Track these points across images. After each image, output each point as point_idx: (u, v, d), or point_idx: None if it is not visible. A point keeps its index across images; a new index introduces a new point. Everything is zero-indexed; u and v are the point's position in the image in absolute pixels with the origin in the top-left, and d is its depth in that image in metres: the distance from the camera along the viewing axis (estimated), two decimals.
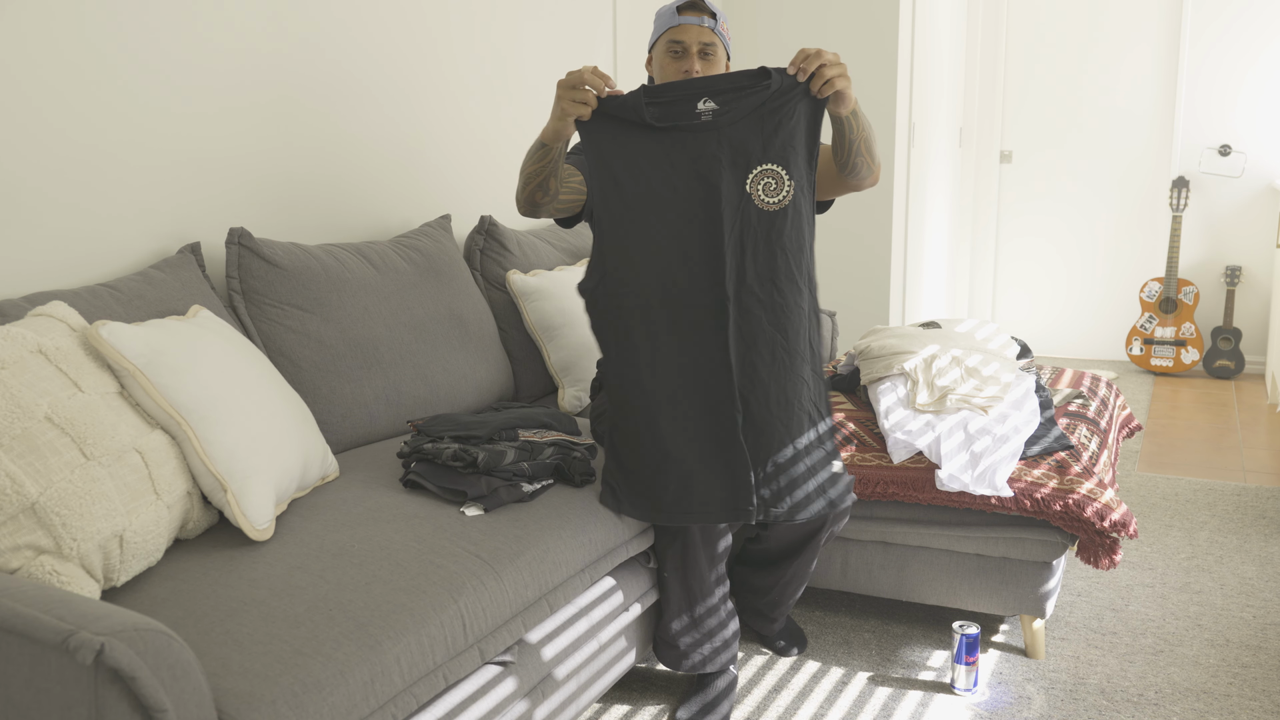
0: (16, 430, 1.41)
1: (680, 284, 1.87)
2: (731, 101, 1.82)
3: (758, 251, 1.86)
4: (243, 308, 2.13)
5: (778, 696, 2.20)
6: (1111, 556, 2.15)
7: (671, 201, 1.85)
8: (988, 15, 5.38)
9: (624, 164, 1.85)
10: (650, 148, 1.84)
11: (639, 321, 1.89)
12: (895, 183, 4.09)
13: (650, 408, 1.91)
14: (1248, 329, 5.11)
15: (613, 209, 1.87)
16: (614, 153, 1.85)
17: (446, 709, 1.52)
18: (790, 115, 1.83)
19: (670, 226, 1.86)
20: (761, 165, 1.84)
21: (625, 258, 1.88)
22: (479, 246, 2.76)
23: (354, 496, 1.83)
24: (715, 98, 1.82)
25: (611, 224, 1.88)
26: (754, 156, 1.84)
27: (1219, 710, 2.10)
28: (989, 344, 2.61)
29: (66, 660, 1.11)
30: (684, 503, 1.92)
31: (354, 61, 2.56)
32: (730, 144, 1.83)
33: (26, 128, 1.86)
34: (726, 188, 1.84)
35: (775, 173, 1.84)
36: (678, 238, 1.86)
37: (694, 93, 1.82)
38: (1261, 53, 4.93)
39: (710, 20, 2.04)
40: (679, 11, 2.05)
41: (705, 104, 1.82)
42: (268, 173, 2.35)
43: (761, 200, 1.85)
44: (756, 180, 1.84)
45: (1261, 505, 3.23)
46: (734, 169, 1.84)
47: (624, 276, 1.89)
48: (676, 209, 1.85)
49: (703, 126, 1.83)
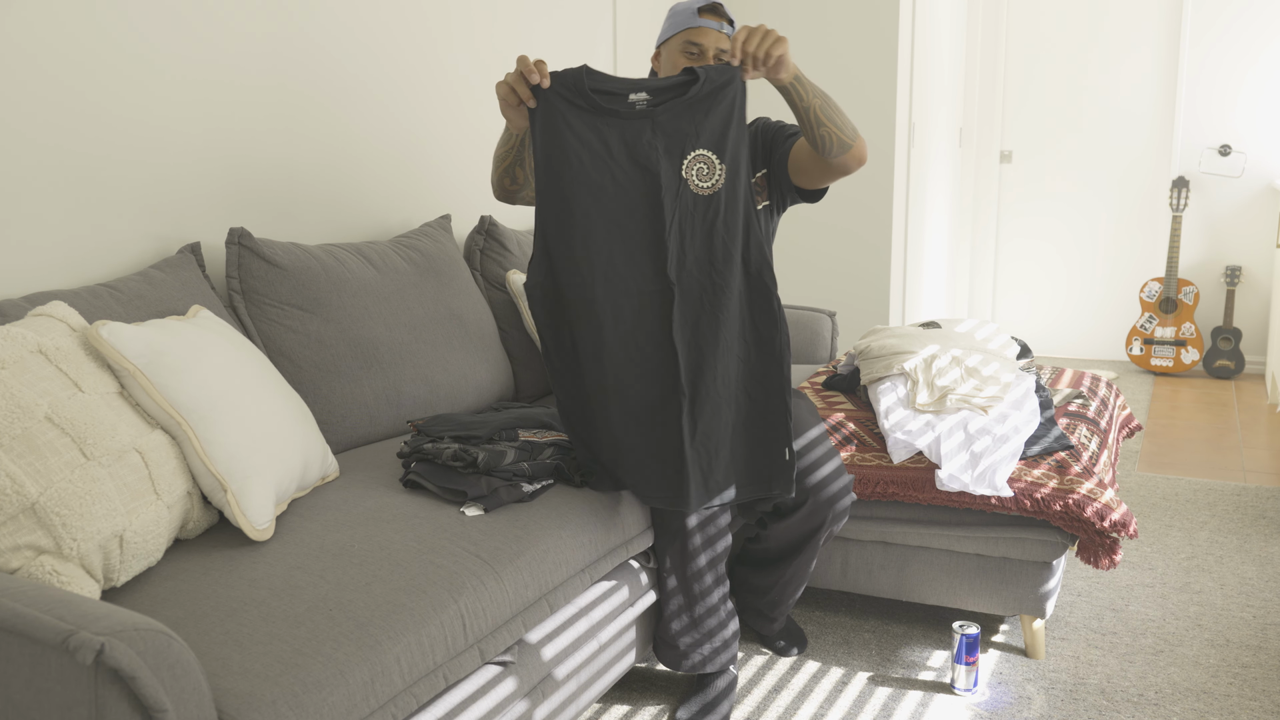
0: (16, 430, 1.41)
1: (623, 274, 1.87)
2: (663, 94, 1.85)
3: (695, 236, 1.88)
4: (243, 308, 2.13)
5: (778, 696, 2.20)
6: (1111, 556, 2.15)
7: (613, 192, 1.86)
8: (988, 15, 5.38)
9: (560, 157, 1.85)
10: (588, 138, 1.84)
11: (583, 311, 1.89)
12: (895, 183, 4.09)
13: (601, 398, 1.91)
14: (1248, 329, 5.11)
15: (552, 203, 1.87)
16: (552, 145, 1.84)
17: (446, 709, 1.52)
18: (719, 101, 1.86)
19: (611, 216, 1.86)
20: (695, 151, 1.86)
21: (568, 250, 1.88)
22: (479, 246, 2.77)
23: (354, 496, 1.83)
24: (648, 91, 1.85)
25: (553, 218, 1.87)
26: (688, 143, 1.86)
27: (1219, 710, 2.10)
28: (989, 344, 2.61)
29: (66, 660, 1.11)
30: (641, 491, 1.93)
31: (354, 61, 2.56)
32: (664, 131, 1.85)
33: (26, 128, 1.86)
34: (665, 175, 1.85)
35: (707, 158, 1.87)
36: (619, 227, 1.87)
37: (627, 87, 1.85)
38: (1261, 53, 4.93)
39: (729, 27, 2.05)
40: (700, 13, 2.04)
41: (638, 94, 1.84)
42: (268, 173, 2.35)
43: (696, 185, 1.87)
44: (690, 166, 1.87)
45: (1261, 505, 3.23)
46: (669, 156, 1.86)
47: (568, 269, 1.88)
48: (618, 199, 1.86)
49: (636, 115, 1.85)
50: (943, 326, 2.69)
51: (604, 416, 1.91)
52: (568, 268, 1.88)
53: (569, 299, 1.89)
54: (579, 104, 1.83)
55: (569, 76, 1.82)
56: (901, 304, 4.38)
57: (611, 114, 1.84)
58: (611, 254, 1.87)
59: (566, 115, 1.83)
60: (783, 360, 1.93)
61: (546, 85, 1.80)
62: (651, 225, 1.86)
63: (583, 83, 1.83)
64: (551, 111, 1.83)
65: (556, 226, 1.87)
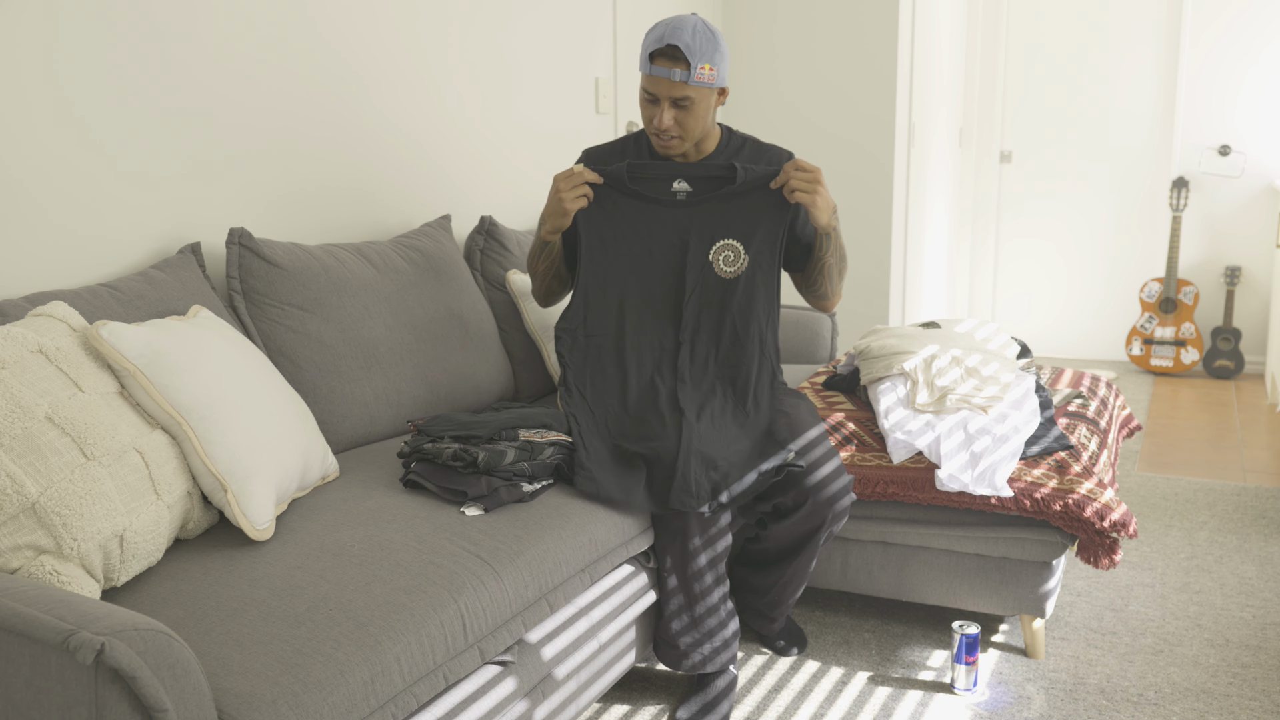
0: (17, 430, 1.41)
1: (646, 329, 2.20)
2: (702, 184, 2.16)
3: (710, 310, 2.20)
4: (243, 308, 2.13)
5: (778, 696, 2.20)
6: (1111, 556, 2.15)
7: (648, 264, 2.19)
8: (988, 15, 5.38)
9: (612, 232, 2.18)
10: (634, 219, 2.17)
11: (610, 353, 2.20)
12: (895, 183, 4.09)
13: (613, 421, 2.15)
14: (1247, 329, 5.11)
15: (597, 267, 2.20)
16: (603, 223, 2.18)
17: (446, 709, 1.52)
18: (751, 200, 2.16)
19: (643, 283, 2.20)
20: (724, 240, 2.17)
21: (603, 306, 2.20)
22: (479, 246, 2.77)
23: (354, 496, 1.83)
24: (689, 180, 2.15)
25: (595, 279, 2.20)
26: (718, 232, 2.17)
27: (1219, 710, 2.10)
28: (989, 344, 2.61)
29: (67, 660, 1.11)
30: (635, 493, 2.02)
31: (355, 61, 2.56)
32: (699, 220, 2.17)
33: (26, 128, 1.86)
34: (693, 256, 2.18)
35: (734, 247, 2.17)
36: (648, 293, 2.20)
37: (670, 174, 2.15)
38: (1261, 53, 4.93)
39: (682, 73, 2.01)
40: (652, 59, 2.04)
41: (679, 184, 2.16)
42: (268, 173, 2.35)
43: (720, 269, 2.18)
44: (718, 252, 2.18)
45: (1261, 505, 3.23)
46: (700, 241, 2.17)
47: (599, 319, 2.20)
48: (651, 270, 2.19)
49: (677, 204, 2.17)
50: (942, 326, 2.69)
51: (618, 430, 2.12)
52: (601, 320, 2.20)
53: (600, 345, 2.20)
54: (624, 192, 2.16)
55: (617, 172, 2.14)
56: (901, 304, 4.38)
57: (655, 201, 2.17)
58: (641, 314, 2.20)
59: (618, 201, 2.16)
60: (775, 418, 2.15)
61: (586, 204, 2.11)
62: (674, 295, 2.20)
63: (624, 179, 2.14)
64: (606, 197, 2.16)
65: (599, 287, 2.20)
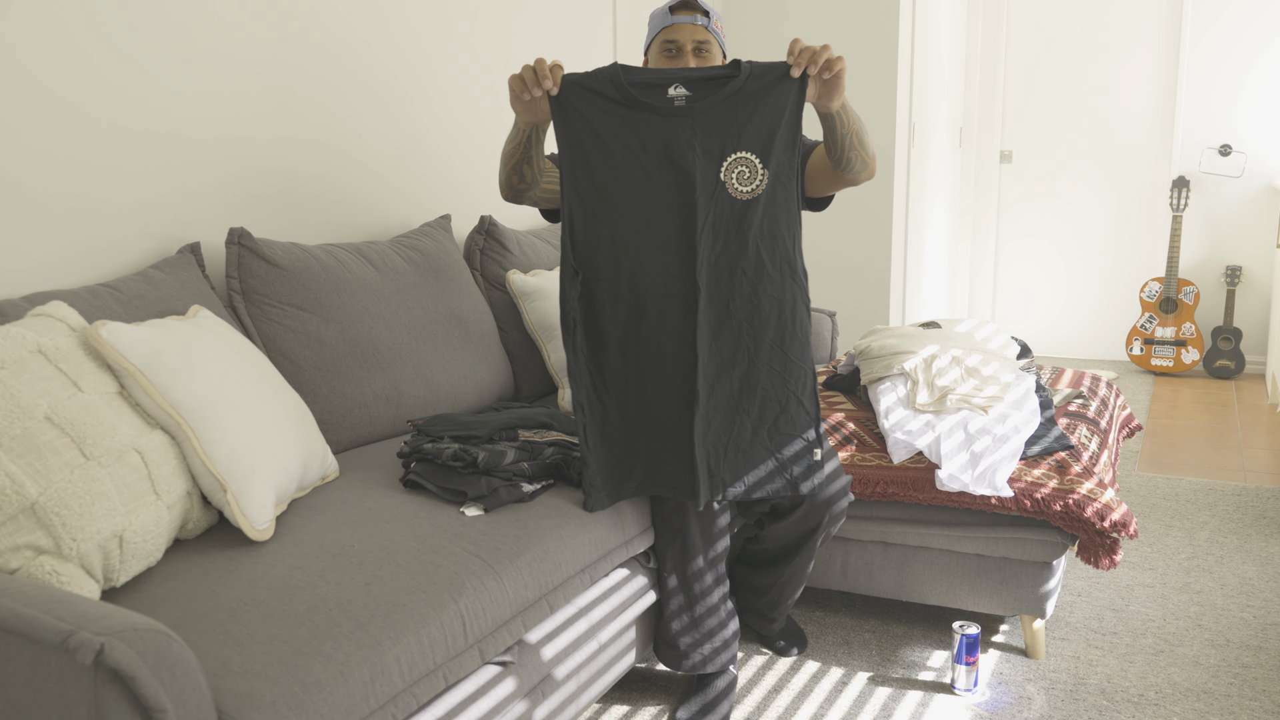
0: (16, 430, 1.41)
1: (650, 273, 1.85)
2: (703, 89, 1.80)
3: (730, 241, 1.84)
4: (243, 308, 2.13)
5: (778, 696, 2.20)
6: (1111, 556, 2.15)
7: (645, 190, 1.83)
8: (988, 15, 5.38)
9: (597, 149, 1.82)
10: (623, 133, 1.81)
11: (608, 308, 1.88)
12: (895, 183, 4.09)
13: (619, 391, 1.91)
14: (1248, 329, 5.11)
15: (584, 196, 1.84)
16: (586, 137, 1.81)
17: (446, 709, 1.52)
18: (765, 102, 1.80)
19: (642, 216, 1.83)
20: (735, 153, 1.81)
21: (595, 247, 1.86)
22: (479, 246, 2.77)
23: (354, 496, 1.83)
24: (687, 85, 1.80)
25: (583, 212, 1.85)
26: (728, 144, 1.81)
27: (1219, 710, 2.10)
28: (989, 344, 2.61)
29: (66, 660, 1.11)
30: (652, 479, 1.95)
31: (354, 61, 2.56)
32: (704, 131, 1.80)
33: (26, 128, 1.86)
34: (701, 176, 1.81)
35: (749, 161, 1.82)
36: (650, 227, 1.84)
37: (666, 79, 1.80)
38: (1262, 53, 4.93)
39: (703, 18, 2.04)
40: (671, 11, 2.05)
41: (677, 89, 1.80)
42: (268, 173, 2.35)
43: (735, 189, 1.82)
44: (730, 169, 1.82)
45: (1261, 505, 3.23)
46: (707, 157, 1.81)
47: (594, 264, 1.86)
48: (651, 198, 1.83)
49: (675, 112, 1.80)
50: (943, 326, 2.69)
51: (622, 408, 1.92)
52: (594, 263, 1.86)
53: (596, 294, 1.88)
54: (613, 98, 1.80)
55: (603, 73, 1.80)
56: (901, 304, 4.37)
57: (648, 108, 1.80)
58: (639, 253, 1.85)
59: (596, 110, 1.80)
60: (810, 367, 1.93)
61: (554, 93, 1.79)
62: (683, 227, 1.82)
63: (619, 77, 1.80)
64: (578, 106, 1.80)
65: (584, 222, 1.85)
